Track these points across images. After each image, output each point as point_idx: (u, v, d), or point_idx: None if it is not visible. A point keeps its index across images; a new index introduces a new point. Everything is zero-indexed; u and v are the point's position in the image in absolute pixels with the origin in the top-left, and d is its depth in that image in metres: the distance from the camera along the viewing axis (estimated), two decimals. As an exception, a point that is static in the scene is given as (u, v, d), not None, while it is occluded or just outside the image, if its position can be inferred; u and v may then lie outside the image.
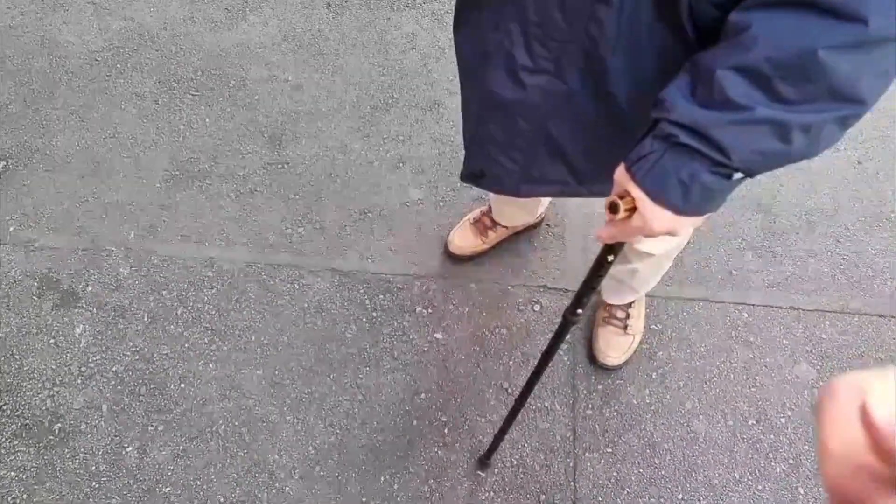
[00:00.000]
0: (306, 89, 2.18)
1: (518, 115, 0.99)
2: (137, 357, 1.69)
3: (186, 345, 1.71)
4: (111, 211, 1.92)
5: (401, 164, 2.03)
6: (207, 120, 2.11)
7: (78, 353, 1.70)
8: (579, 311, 1.03)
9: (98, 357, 1.69)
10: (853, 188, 2.01)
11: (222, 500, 1.51)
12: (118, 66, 2.20)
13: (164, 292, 1.79)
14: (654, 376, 1.68)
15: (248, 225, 1.91)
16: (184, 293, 1.79)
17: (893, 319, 1.77)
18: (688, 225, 0.76)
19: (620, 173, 0.76)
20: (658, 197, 0.72)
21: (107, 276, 1.81)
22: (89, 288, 1.80)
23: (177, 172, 2.00)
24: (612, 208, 0.76)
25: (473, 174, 1.18)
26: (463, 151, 1.18)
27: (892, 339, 1.74)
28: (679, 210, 0.73)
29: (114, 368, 1.68)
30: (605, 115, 0.93)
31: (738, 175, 0.71)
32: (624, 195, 0.76)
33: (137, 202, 1.94)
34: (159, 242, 1.87)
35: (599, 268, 0.93)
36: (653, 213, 0.73)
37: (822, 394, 0.29)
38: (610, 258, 0.91)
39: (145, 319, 1.75)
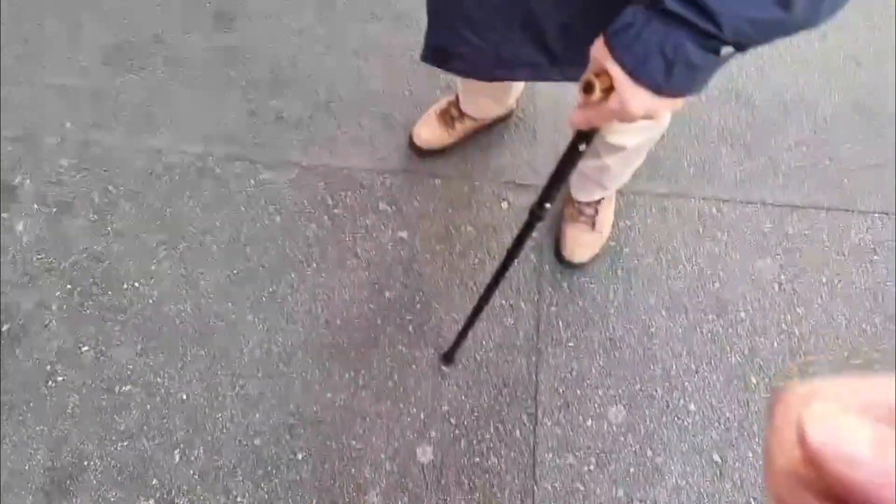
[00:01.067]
0: (255, -40, 1.95)
1: None
2: (86, 255, 1.62)
3: (137, 242, 1.63)
4: (47, 97, 1.76)
5: (364, 49, 1.88)
6: (145, -6, 1.90)
7: (21, 252, 1.61)
8: (547, 205, 0.97)
9: (43, 256, 1.61)
10: (837, 79, 1.93)
11: (185, 397, 1.51)
12: None
13: (109, 186, 1.68)
14: (619, 273, 1.68)
15: (198, 114, 1.77)
16: (131, 188, 1.68)
17: (870, 214, 1.77)
18: (667, 107, 0.69)
19: (598, 48, 0.68)
20: (638, 73, 0.65)
21: (45, 170, 1.69)
22: (28, 182, 1.68)
23: (118, 54, 1.82)
24: (587, 88, 0.69)
25: (438, 53, 1.08)
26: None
27: (856, 234, 1.75)
28: (660, 89, 0.66)
29: (61, 266, 1.60)
30: None
31: (726, 49, 0.64)
32: (600, 73, 0.68)
33: (74, 87, 1.77)
34: (101, 131, 1.73)
35: (570, 158, 0.86)
36: (631, 93, 0.66)
37: (771, 401, 0.25)
38: (582, 147, 0.84)
39: (91, 216, 1.65)
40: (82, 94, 1.77)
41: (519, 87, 1.65)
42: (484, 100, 1.63)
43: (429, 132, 1.71)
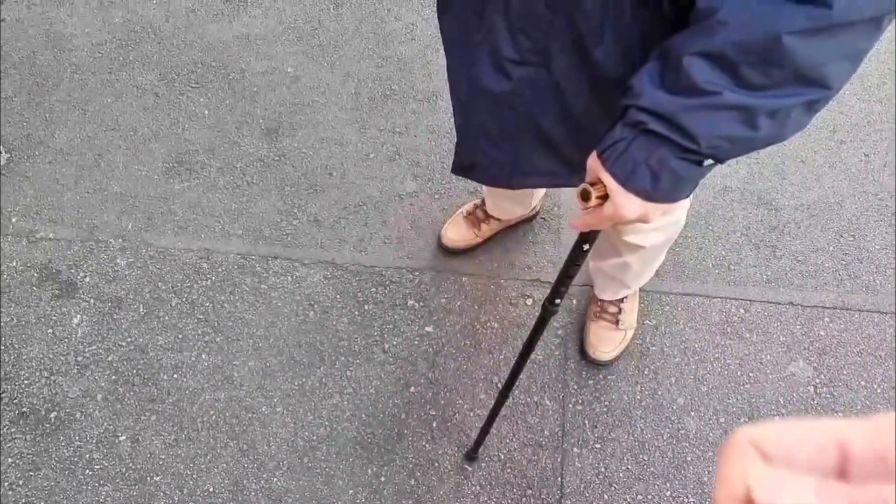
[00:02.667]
0: (304, 81, 2.18)
1: (506, 106, 0.99)
2: (132, 347, 1.72)
3: (180, 336, 1.73)
4: (110, 202, 1.94)
5: (397, 156, 2.02)
6: (206, 111, 2.12)
7: (74, 343, 1.72)
8: (557, 301, 1.02)
9: (94, 347, 1.72)
10: (857, 181, 1.96)
11: (211, 489, 1.53)
12: (120, 58, 2.22)
13: (159, 283, 1.81)
14: (646, 372, 1.66)
15: (244, 217, 1.92)
16: (178, 284, 1.81)
17: (894, 316, 1.73)
18: (659, 211, 0.75)
19: (593, 160, 0.76)
20: (628, 183, 0.72)
21: (104, 267, 1.84)
22: (87, 279, 1.82)
23: (175, 164, 2.02)
24: (584, 196, 0.76)
25: (464, 166, 1.18)
26: None
27: (891, 336, 1.70)
28: (649, 196, 0.72)
29: (109, 358, 1.70)
30: (593, 103, 0.92)
31: (708, 161, 0.71)
32: (596, 182, 0.75)
33: (136, 194, 1.96)
34: (156, 234, 1.89)
35: (575, 257, 0.93)
36: (623, 200, 0.73)
37: (722, 448, 0.28)
38: (585, 247, 0.90)
39: (141, 310, 1.77)
40: (142, 199, 1.95)
41: (541, 191, 1.74)
42: (508, 203, 1.71)
43: (456, 233, 1.79)
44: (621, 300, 1.65)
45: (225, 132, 2.07)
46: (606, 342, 1.63)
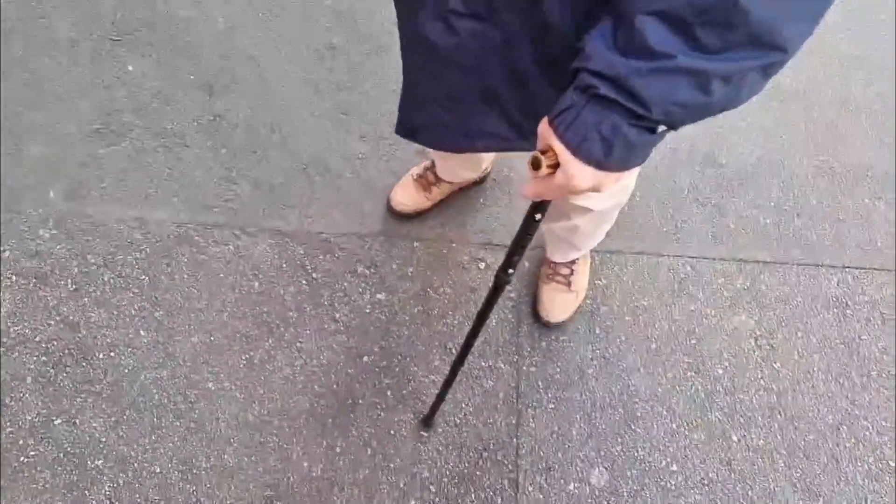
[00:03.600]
0: (239, 34, 2.03)
1: (452, 63, 0.92)
2: (63, 326, 1.61)
3: (115, 312, 1.63)
4: (29, 168, 1.78)
5: (343, 115, 1.93)
6: (131, 67, 1.96)
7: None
8: (510, 270, 1.00)
9: (20, 327, 1.60)
10: (799, 141, 2.01)
11: (158, 470, 1.47)
12: (32, 6, 2.00)
13: (88, 256, 1.69)
14: (597, 331, 1.69)
15: (179, 183, 1.80)
16: (110, 257, 1.69)
17: (840, 269, 1.81)
18: (611, 180, 0.72)
19: (543, 127, 0.72)
20: (579, 151, 0.69)
21: (25, 241, 1.70)
22: (7, 253, 1.68)
23: (100, 126, 1.86)
24: (535, 164, 0.73)
25: (408, 128, 1.12)
26: None
27: (828, 289, 1.78)
28: (601, 165, 0.69)
29: (37, 338, 1.59)
30: (542, 63, 0.87)
31: (662, 127, 0.68)
32: (546, 150, 0.72)
33: (58, 158, 1.81)
34: (82, 202, 1.75)
35: (527, 227, 0.90)
36: (575, 169, 0.70)
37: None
38: (537, 216, 0.88)
39: (69, 286, 1.65)
40: (65, 165, 1.80)
41: (491, 153, 1.70)
42: (459, 165, 1.67)
43: (406, 197, 1.74)
44: (573, 262, 1.65)
45: (154, 90, 1.92)
46: (559, 304, 1.64)
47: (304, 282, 1.69)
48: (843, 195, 1.93)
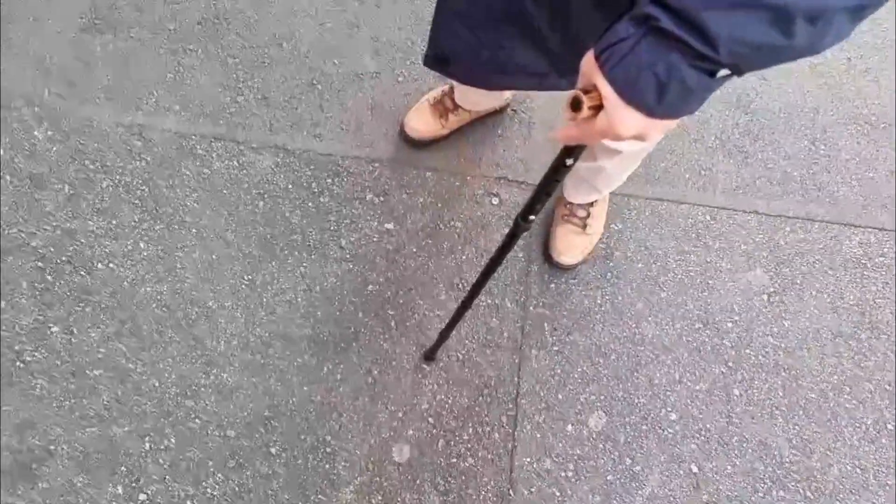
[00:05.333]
0: (248, -72, 1.87)
1: None
2: (59, 232, 1.55)
3: (114, 221, 1.57)
4: (20, 64, 1.68)
5: (356, 28, 1.81)
6: (130, -42, 1.81)
7: (-8, 225, 1.54)
8: (531, 217, 0.94)
9: (15, 230, 1.55)
10: (837, 88, 1.90)
11: (157, 384, 1.46)
12: None
13: (86, 161, 1.61)
14: (608, 276, 1.65)
15: (181, 89, 1.70)
16: (109, 163, 1.62)
17: (863, 229, 1.75)
18: (659, 129, 0.64)
19: (588, 62, 0.63)
20: (628, 93, 0.60)
21: (20, 140, 1.61)
22: (1, 152, 1.60)
23: (97, 20, 1.74)
24: (575, 105, 0.64)
25: (439, 57, 1.02)
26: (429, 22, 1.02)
27: (848, 248, 1.73)
28: (651, 111, 0.61)
29: (33, 243, 1.54)
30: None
31: (723, 72, 0.59)
32: (590, 90, 0.63)
33: (51, 54, 1.69)
34: (78, 102, 1.66)
35: (555, 172, 0.82)
36: (621, 113, 0.61)
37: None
38: (568, 162, 0.79)
39: (66, 190, 1.59)
40: (58, 62, 1.69)
41: (517, 79, 1.59)
42: (479, 92, 1.56)
43: (422, 123, 1.65)
44: (590, 204, 1.59)
45: (155, -15, 1.78)
46: (572, 247, 1.59)
47: (310, 204, 1.63)
48: (876, 150, 1.84)
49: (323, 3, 1.82)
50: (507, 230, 1.02)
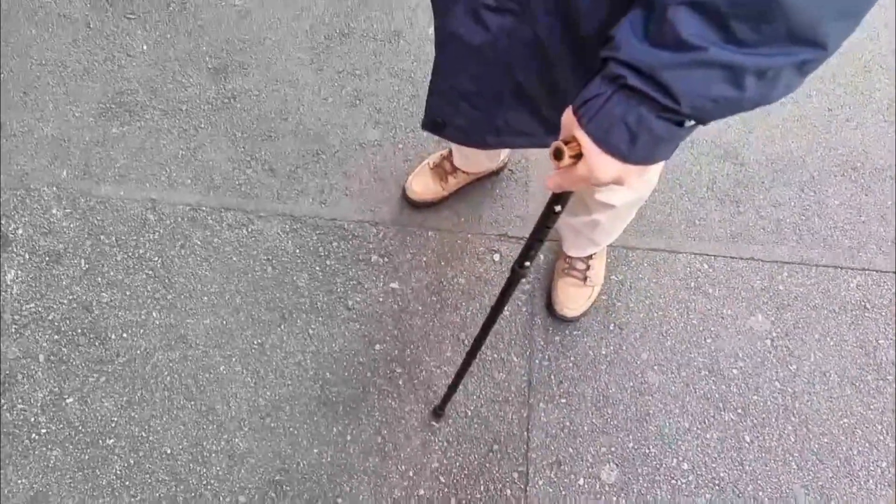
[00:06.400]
0: (254, 16, 2.01)
1: (483, 59, 0.90)
2: (75, 305, 1.61)
3: (128, 292, 1.62)
4: (41, 147, 1.77)
5: (357, 102, 1.91)
6: (145, 46, 1.94)
7: (10, 301, 1.60)
8: (527, 263, 0.98)
9: (32, 305, 1.60)
10: (821, 136, 1.97)
11: (169, 451, 1.48)
12: (43, -19, 1.98)
13: (101, 237, 1.68)
14: (611, 328, 1.67)
15: (192, 165, 1.79)
16: (123, 238, 1.68)
17: (859, 271, 1.78)
18: (635, 174, 0.70)
19: (567, 117, 0.70)
20: (603, 143, 0.67)
21: (38, 219, 1.69)
22: (20, 231, 1.68)
23: (112, 105, 1.85)
24: (557, 154, 0.71)
25: (436, 122, 1.10)
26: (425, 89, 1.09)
27: (847, 291, 1.75)
28: (625, 158, 0.67)
29: (50, 317, 1.59)
30: (573, 60, 0.85)
31: (689, 122, 0.66)
32: (570, 140, 0.70)
33: (69, 138, 1.79)
34: (94, 182, 1.74)
35: (546, 219, 0.88)
36: (598, 161, 0.68)
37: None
38: (557, 208, 0.85)
39: (82, 265, 1.65)
40: (77, 144, 1.78)
41: (511, 141, 1.67)
42: (477, 155, 1.65)
43: (422, 185, 1.72)
44: (589, 256, 1.63)
45: (167, 71, 1.90)
46: (574, 299, 1.62)
47: (317, 268, 1.68)
48: (865, 195, 1.89)
49: (325, 79, 1.93)
50: (501, 289, 1.07)
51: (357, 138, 1.85)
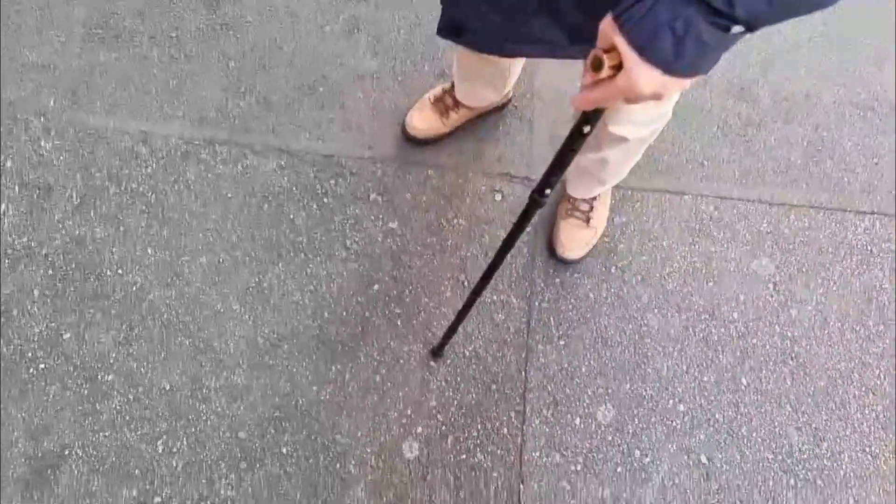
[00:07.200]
0: (246, -66, 1.88)
1: None
2: (68, 240, 1.58)
3: (122, 228, 1.59)
4: (25, 74, 1.70)
5: (355, 30, 1.82)
6: (130, -33, 1.82)
7: (2, 235, 1.57)
8: (547, 191, 0.93)
9: (24, 239, 1.57)
10: (840, 74, 1.89)
11: (167, 386, 1.48)
12: None
13: (93, 170, 1.63)
14: (612, 270, 1.65)
15: (184, 95, 1.72)
16: (115, 171, 1.64)
17: (868, 215, 1.74)
18: (676, 87, 0.66)
19: (607, 24, 0.65)
20: (647, 50, 0.62)
21: (27, 150, 1.64)
22: (8, 163, 1.63)
23: (99, 30, 1.76)
24: (595, 65, 0.66)
25: (452, 27, 1.03)
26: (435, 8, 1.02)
27: (854, 235, 1.72)
28: (669, 67, 0.63)
29: (43, 251, 1.56)
30: None
31: (736, 28, 0.61)
32: (609, 49, 0.65)
33: (55, 65, 1.71)
34: (84, 112, 1.68)
35: (573, 141, 0.82)
36: (640, 71, 0.64)
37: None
38: (586, 129, 0.80)
39: (74, 199, 1.61)
40: (63, 72, 1.71)
41: (516, 73, 1.59)
42: (481, 87, 1.58)
43: (422, 121, 1.66)
44: (593, 198, 1.59)
45: (155, -6, 1.80)
46: (576, 241, 1.59)
47: (314, 206, 1.64)
48: (880, 136, 1.83)
49: (321, 4, 1.83)
50: (510, 226, 1.03)
51: (355, 69, 1.77)
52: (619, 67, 0.65)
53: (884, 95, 1.87)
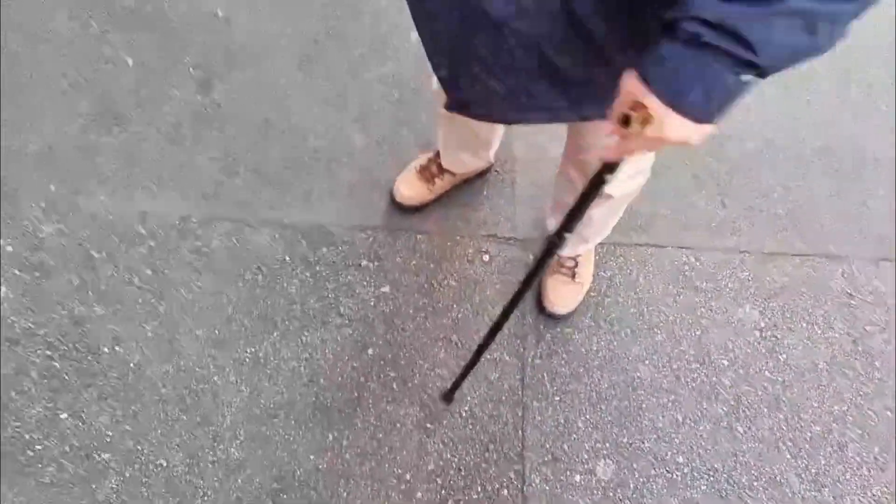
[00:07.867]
0: (236, 24, 2.01)
1: (507, 32, 0.88)
2: (67, 320, 1.60)
3: (119, 306, 1.62)
4: (28, 161, 1.77)
5: (343, 108, 1.92)
6: (129, 59, 1.93)
7: (2, 318, 1.59)
8: (566, 234, 0.99)
9: (23, 321, 1.59)
10: (809, 127, 1.99)
11: (165, 464, 1.48)
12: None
13: (91, 250, 1.68)
14: (602, 323, 1.68)
15: (180, 175, 1.79)
16: (114, 251, 1.68)
17: (845, 259, 1.80)
18: (703, 133, 0.72)
19: (632, 83, 0.71)
20: (679, 104, 0.68)
21: (27, 234, 1.69)
22: (9, 247, 1.67)
23: (99, 118, 1.85)
24: (625, 121, 0.72)
25: (459, 102, 1.09)
26: (430, 75, 1.08)
27: (832, 279, 1.78)
28: (701, 116, 0.69)
29: (41, 332, 1.58)
30: (603, 18, 0.83)
31: (747, 77, 0.67)
32: (636, 107, 0.71)
33: (57, 151, 1.79)
34: (83, 195, 1.74)
35: (595, 188, 0.89)
36: (671, 122, 0.70)
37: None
38: (607, 177, 0.86)
39: (73, 280, 1.65)
40: (65, 158, 1.78)
41: (497, 141, 1.68)
42: (464, 155, 1.65)
43: (409, 188, 1.73)
44: (578, 255, 1.64)
45: (152, 82, 1.90)
46: (564, 296, 1.63)
47: (307, 274, 1.68)
48: (848, 183, 1.92)
49: (309, 83, 1.93)
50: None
51: (344, 143, 1.86)
52: (646, 122, 0.71)
53: (850, 143, 1.97)
